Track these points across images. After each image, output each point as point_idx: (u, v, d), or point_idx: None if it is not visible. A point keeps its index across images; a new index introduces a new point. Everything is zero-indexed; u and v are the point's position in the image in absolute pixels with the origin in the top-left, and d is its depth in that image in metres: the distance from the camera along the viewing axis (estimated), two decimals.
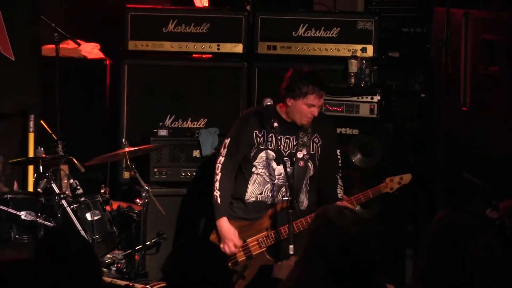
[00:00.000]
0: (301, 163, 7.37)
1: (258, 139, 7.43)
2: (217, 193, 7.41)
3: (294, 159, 7.37)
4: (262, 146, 7.43)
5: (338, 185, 7.55)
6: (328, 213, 5.23)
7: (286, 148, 7.41)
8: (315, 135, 7.48)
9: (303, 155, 7.35)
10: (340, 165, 7.63)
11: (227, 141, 7.49)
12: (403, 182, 7.45)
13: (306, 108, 7.27)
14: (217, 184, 7.42)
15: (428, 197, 8.80)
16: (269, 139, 7.41)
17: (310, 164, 7.44)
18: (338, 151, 7.65)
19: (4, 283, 4.65)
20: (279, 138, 7.35)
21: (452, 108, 8.70)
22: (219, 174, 7.43)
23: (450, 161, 8.54)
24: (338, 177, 7.57)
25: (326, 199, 7.49)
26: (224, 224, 7.38)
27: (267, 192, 7.46)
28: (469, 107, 8.67)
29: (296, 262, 5.32)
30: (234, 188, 7.51)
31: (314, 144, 7.47)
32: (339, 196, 7.46)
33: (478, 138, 8.56)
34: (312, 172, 7.48)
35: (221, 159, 7.46)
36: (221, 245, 7.31)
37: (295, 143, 7.40)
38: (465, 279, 4.36)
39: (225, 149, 7.46)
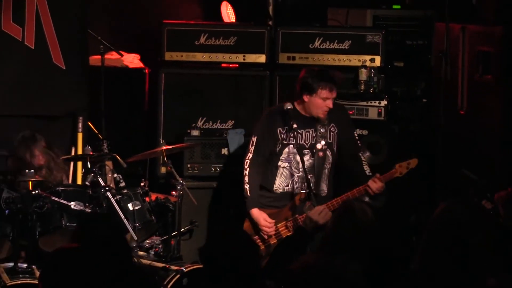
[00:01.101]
0: (321, 153, 7.38)
1: (282, 135, 7.44)
2: (246, 186, 7.41)
3: (314, 150, 7.37)
4: (286, 141, 7.44)
5: (363, 162, 7.56)
6: (354, 210, 5.23)
7: (307, 141, 7.42)
8: (331, 125, 7.49)
9: (322, 145, 7.34)
10: (360, 145, 7.66)
11: (254, 139, 7.48)
12: (410, 166, 7.41)
13: (321, 101, 7.30)
14: (246, 178, 7.41)
15: (429, 190, 8.75)
16: (291, 136, 7.41)
17: (328, 153, 7.45)
18: (355, 133, 7.69)
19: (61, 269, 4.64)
20: (301, 132, 7.38)
21: (451, 111, 8.68)
22: (248, 169, 7.43)
23: (448, 159, 8.52)
24: (361, 155, 7.59)
25: (355, 177, 7.50)
26: (255, 213, 7.39)
27: (293, 184, 7.47)
28: (465, 111, 8.66)
29: (320, 244, 5.32)
30: (263, 180, 7.50)
31: (331, 133, 7.48)
32: (367, 172, 7.45)
33: (474, 138, 8.56)
34: (330, 160, 7.48)
35: (249, 155, 7.46)
36: (260, 227, 7.32)
37: (314, 135, 7.40)
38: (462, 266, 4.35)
39: (253, 146, 7.46)
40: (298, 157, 7.40)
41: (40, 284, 4.58)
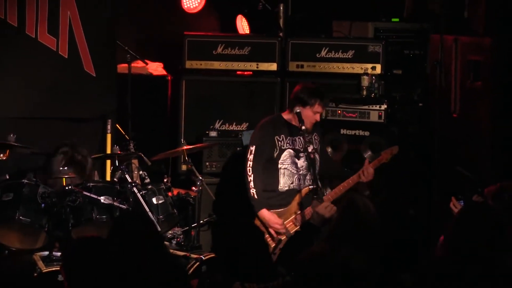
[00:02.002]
0: (312, 156, 7.34)
1: (279, 142, 7.42)
2: (253, 190, 7.36)
3: (306, 153, 7.37)
4: (283, 147, 7.42)
5: (338, 164, 7.88)
6: (357, 205, 5.22)
7: (300, 146, 7.43)
8: (314, 134, 7.53)
9: (312, 149, 7.33)
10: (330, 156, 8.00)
11: (253, 148, 7.44)
12: (393, 152, 7.54)
13: (312, 114, 7.34)
14: (251, 184, 7.36)
15: (426, 186, 8.73)
16: (288, 141, 7.43)
17: (316, 156, 7.42)
18: (328, 148, 8.04)
19: (81, 257, 4.61)
20: (294, 138, 7.44)
21: (445, 114, 8.66)
22: (252, 175, 7.38)
23: (443, 157, 8.50)
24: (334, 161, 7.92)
25: (337, 172, 7.71)
26: (265, 213, 7.34)
27: (296, 182, 7.43)
28: (458, 114, 8.63)
29: (325, 237, 5.30)
30: (266, 184, 7.44)
31: (315, 140, 7.52)
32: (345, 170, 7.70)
33: (465, 138, 8.52)
34: (318, 162, 7.47)
35: (250, 163, 7.40)
36: (271, 229, 7.29)
37: (303, 141, 7.39)
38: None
39: (252, 155, 7.42)
40: (295, 159, 7.44)
41: (62, 270, 4.56)
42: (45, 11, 8.19)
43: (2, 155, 7.24)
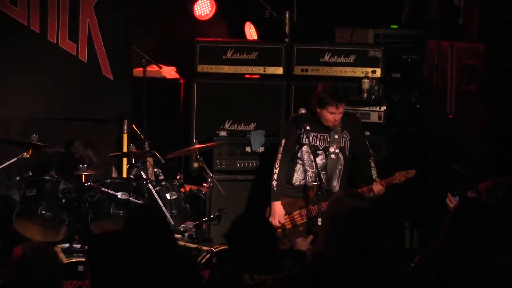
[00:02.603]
0: (333, 156, 7.34)
1: (301, 136, 7.43)
2: (274, 182, 7.43)
3: (327, 152, 7.33)
4: (303, 141, 7.44)
5: (372, 168, 7.52)
6: (339, 198, 5.26)
7: (321, 143, 7.42)
8: (344, 132, 7.47)
9: (334, 149, 7.31)
10: (370, 151, 7.63)
11: (283, 141, 7.51)
12: (408, 175, 7.42)
13: (329, 115, 7.29)
14: (275, 176, 7.43)
15: (422, 182, 8.71)
16: (305, 137, 7.39)
17: (340, 156, 7.44)
18: (366, 141, 7.65)
19: (103, 249, 4.61)
20: (315, 135, 7.39)
21: (441, 115, 8.67)
22: (278, 168, 7.45)
23: (439, 156, 8.51)
24: (371, 160, 7.55)
25: (362, 178, 7.50)
26: (277, 205, 7.40)
27: (308, 178, 7.44)
28: (453, 115, 8.63)
29: (321, 234, 5.32)
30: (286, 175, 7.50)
31: (344, 139, 7.47)
32: (374, 177, 7.42)
33: (460, 138, 8.52)
34: (342, 162, 7.44)
35: (279, 156, 7.50)
36: (270, 219, 7.33)
37: (328, 140, 7.35)
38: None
39: (282, 148, 7.49)
40: (312, 156, 7.37)
41: (87, 262, 4.56)
42: (65, 18, 8.19)
43: (25, 153, 7.25)
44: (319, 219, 6.99)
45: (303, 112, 7.39)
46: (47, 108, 8.31)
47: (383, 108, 8.52)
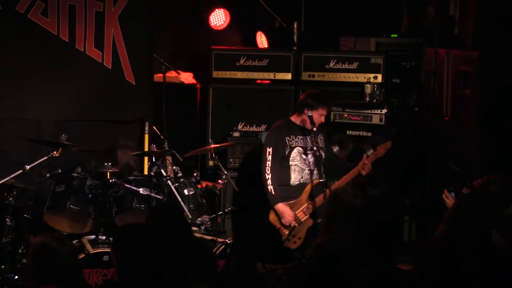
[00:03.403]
0: (318, 153, 7.32)
1: (289, 141, 7.39)
2: (270, 187, 7.32)
3: (313, 151, 7.34)
4: (293, 145, 7.39)
5: (340, 162, 7.75)
6: (339, 197, 5.28)
7: (307, 144, 7.40)
8: (319, 134, 7.47)
9: (317, 148, 7.32)
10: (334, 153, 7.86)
11: (270, 149, 7.38)
12: (387, 147, 7.45)
13: (318, 116, 7.30)
14: (269, 181, 7.31)
15: (420, 179, 8.71)
16: (297, 140, 7.40)
17: (322, 153, 7.39)
18: (332, 146, 7.89)
19: (127, 239, 4.61)
20: (301, 138, 7.40)
21: (437, 117, 8.65)
22: (270, 174, 7.33)
23: (436, 155, 8.49)
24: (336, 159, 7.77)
25: (337, 169, 7.58)
26: (280, 207, 7.30)
27: (305, 176, 7.40)
28: (449, 117, 8.61)
29: (321, 225, 5.35)
30: (280, 178, 7.39)
31: (320, 140, 7.46)
32: (349, 165, 7.56)
33: (455, 138, 8.50)
34: (323, 157, 7.42)
35: (268, 163, 7.35)
36: (282, 220, 7.27)
37: (311, 141, 7.35)
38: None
39: (270, 155, 7.38)
40: (303, 156, 7.40)
41: (112, 252, 4.57)
42: (92, 28, 8.20)
43: (55, 152, 7.25)
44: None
45: (310, 114, 7.37)
46: (75, 110, 8.32)
47: (384, 111, 8.50)
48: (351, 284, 3.91)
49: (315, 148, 7.28)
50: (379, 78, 8.87)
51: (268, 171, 7.34)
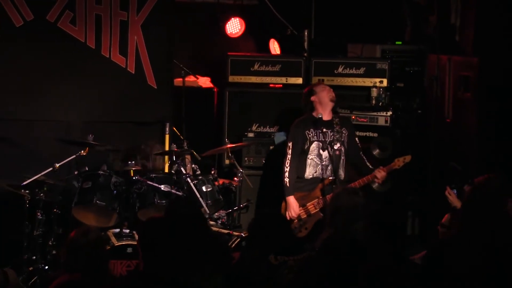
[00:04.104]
0: (337, 150, 7.32)
1: (309, 135, 7.38)
2: (286, 179, 7.35)
3: (333, 147, 7.32)
4: (312, 139, 7.39)
5: (365, 160, 7.53)
6: (338, 195, 5.31)
7: (326, 139, 7.37)
8: (343, 128, 7.45)
9: (339, 144, 7.30)
10: (360, 147, 7.62)
11: (290, 144, 7.44)
12: (405, 160, 7.39)
13: (324, 94, 7.41)
14: (286, 174, 7.35)
15: (422, 178, 8.68)
16: (316, 134, 7.39)
17: (342, 149, 7.38)
18: (357, 139, 7.64)
19: (152, 232, 4.61)
20: (321, 132, 7.37)
21: (439, 119, 8.62)
22: (288, 167, 7.37)
23: (438, 154, 8.46)
24: (361, 154, 7.56)
25: (361, 170, 7.48)
26: (291, 200, 7.34)
27: (319, 171, 7.38)
28: (450, 119, 8.58)
29: (326, 221, 5.40)
30: (297, 171, 7.42)
31: (343, 134, 7.43)
32: (371, 167, 7.43)
33: (457, 139, 8.47)
34: (343, 153, 7.40)
35: (289, 156, 7.39)
36: (287, 212, 7.30)
37: (332, 135, 7.34)
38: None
39: (290, 149, 7.42)
40: (321, 151, 7.37)
41: (138, 243, 4.57)
42: (116, 36, 8.21)
43: (82, 151, 7.27)
44: None
45: (320, 116, 7.38)
46: (100, 112, 8.33)
47: (389, 113, 8.47)
48: (360, 276, 3.90)
49: (335, 147, 7.26)
50: (385, 82, 8.84)
51: (287, 164, 7.37)
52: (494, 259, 4.39)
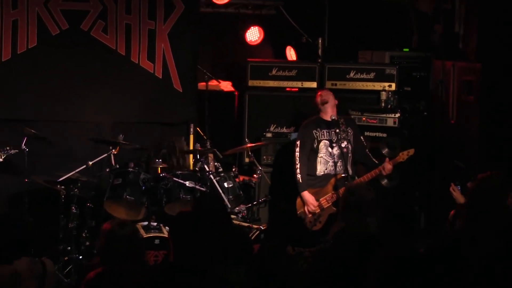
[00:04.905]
0: (345, 148, 7.30)
1: (317, 135, 7.38)
2: (299, 175, 7.35)
3: (340, 144, 7.30)
4: (320, 138, 7.39)
5: (371, 156, 7.54)
6: (350, 190, 5.30)
7: (333, 137, 7.38)
8: (348, 128, 7.45)
9: (345, 143, 7.28)
10: (366, 144, 7.62)
11: (298, 142, 7.46)
12: (410, 153, 7.37)
13: (332, 98, 7.46)
14: (298, 170, 7.36)
15: (428, 175, 8.63)
16: (324, 133, 7.38)
17: (349, 146, 7.36)
18: (362, 137, 7.64)
19: (182, 224, 4.61)
20: (328, 132, 7.39)
21: (444, 121, 8.58)
22: (298, 163, 7.38)
23: (442, 153, 8.42)
24: (367, 151, 7.56)
25: (368, 166, 7.49)
26: (306, 194, 7.34)
27: (329, 168, 7.37)
28: (454, 121, 8.53)
29: (338, 214, 5.38)
30: (308, 169, 7.41)
31: (349, 133, 7.44)
32: (376, 162, 7.43)
33: (460, 139, 8.42)
34: (350, 150, 7.39)
35: (297, 154, 7.40)
36: (305, 207, 7.27)
37: (338, 134, 7.34)
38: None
39: (298, 147, 7.44)
40: (330, 149, 7.36)
41: (169, 235, 4.57)
42: (145, 43, 8.22)
43: (114, 150, 7.29)
44: None
45: (333, 118, 7.38)
46: (130, 114, 8.34)
47: (397, 115, 8.44)
48: (370, 267, 3.86)
49: (342, 145, 7.24)
50: (393, 86, 8.80)
51: (297, 161, 7.37)
52: (499, 247, 4.36)
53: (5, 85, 7.98)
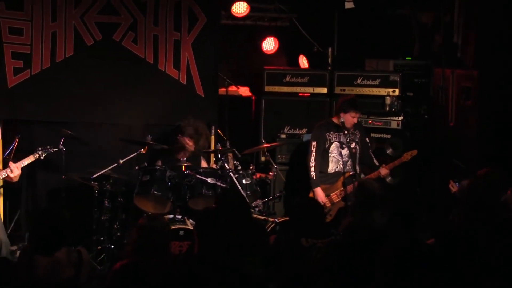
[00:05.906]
0: (353, 149, 7.27)
1: (329, 137, 7.37)
2: (313, 173, 7.35)
3: (349, 145, 7.27)
4: (332, 140, 7.38)
5: (373, 157, 7.54)
6: (359, 187, 5.27)
7: (344, 140, 7.38)
8: (356, 131, 7.45)
9: (354, 144, 7.25)
10: (369, 146, 7.62)
11: (314, 143, 7.45)
12: (413, 154, 7.37)
13: (351, 118, 7.29)
14: (312, 168, 7.36)
15: (429, 173, 8.57)
16: (335, 136, 7.39)
17: (357, 147, 7.34)
18: (367, 138, 7.64)
19: (207, 219, 4.59)
20: (339, 134, 7.39)
21: (444, 123, 8.50)
22: (313, 162, 7.38)
23: (442, 153, 8.35)
24: (370, 151, 7.55)
25: (369, 166, 7.49)
26: (318, 191, 7.34)
27: (340, 166, 7.36)
28: (453, 123, 8.46)
29: (349, 208, 5.34)
30: (321, 167, 7.39)
31: (357, 135, 7.42)
32: (376, 164, 7.44)
33: (459, 140, 8.35)
34: (358, 151, 7.37)
35: (313, 153, 7.40)
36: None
37: (347, 136, 7.30)
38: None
39: (314, 148, 7.41)
40: (340, 150, 7.37)
41: (195, 229, 4.55)
42: (171, 52, 8.20)
43: (142, 150, 7.29)
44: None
45: (342, 120, 7.35)
46: (157, 117, 8.31)
47: (401, 118, 8.39)
48: (378, 257, 3.82)
49: (351, 146, 7.25)
50: (397, 92, 8.74)
51: (312, 160, 7.36)
52: (496, 239, 4.30)
53: (45, 91, 7.99)
